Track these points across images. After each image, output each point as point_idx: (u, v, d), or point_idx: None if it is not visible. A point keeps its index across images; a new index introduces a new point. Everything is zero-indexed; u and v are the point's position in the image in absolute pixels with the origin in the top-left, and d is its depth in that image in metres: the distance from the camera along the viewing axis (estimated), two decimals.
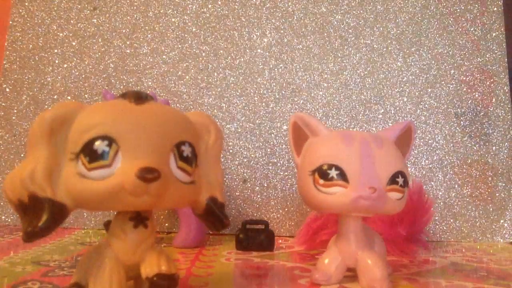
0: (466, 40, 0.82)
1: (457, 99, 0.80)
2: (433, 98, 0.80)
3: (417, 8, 0.82)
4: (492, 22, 0.83)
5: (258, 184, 0.75)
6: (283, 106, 0.78)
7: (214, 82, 0.78)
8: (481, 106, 0.80)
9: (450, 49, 0.81)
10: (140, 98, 0.30)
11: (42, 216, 0.26)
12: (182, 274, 0.43)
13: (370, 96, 0.79)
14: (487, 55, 0.82)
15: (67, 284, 0.33)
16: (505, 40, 0.82)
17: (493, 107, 0.80)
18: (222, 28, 0.80)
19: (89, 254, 0.32)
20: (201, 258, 0.53)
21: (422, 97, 0.80)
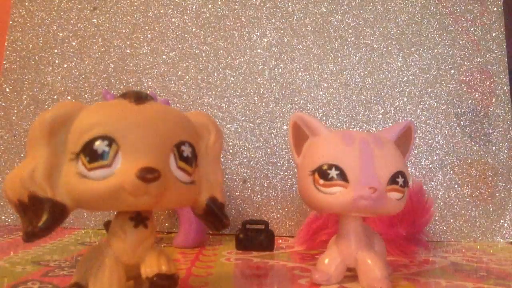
0: (466, 40, 0.82)
1: (457, 99, 0.80)
2: (433, 98, 0.80)
3: (417, 8, 0.82)
4: (492, 22, 0.83)
5: (258, 184, 0.75)
6: (283, 106, 0.77)
7: (214, 82, 0.78)
8: (481, 106, 0.80)
9: (450, 49, 0.81)
10: (140, 98, 0.30)
11: (42, 216, 0.26)
12: (182, 274, 0.43)
13: (370, 96, 0.79)
14: (487, 55, 0.82)
15: (67, 284, 0.33)
16: (505, 40, 0.82)
17: (493, 107, 0.80)
18: (222, 28, 0.80)
19: (89, 254, 0.32)
20: (201, 258, 0.53)
21: (422, 97, 0.80)
